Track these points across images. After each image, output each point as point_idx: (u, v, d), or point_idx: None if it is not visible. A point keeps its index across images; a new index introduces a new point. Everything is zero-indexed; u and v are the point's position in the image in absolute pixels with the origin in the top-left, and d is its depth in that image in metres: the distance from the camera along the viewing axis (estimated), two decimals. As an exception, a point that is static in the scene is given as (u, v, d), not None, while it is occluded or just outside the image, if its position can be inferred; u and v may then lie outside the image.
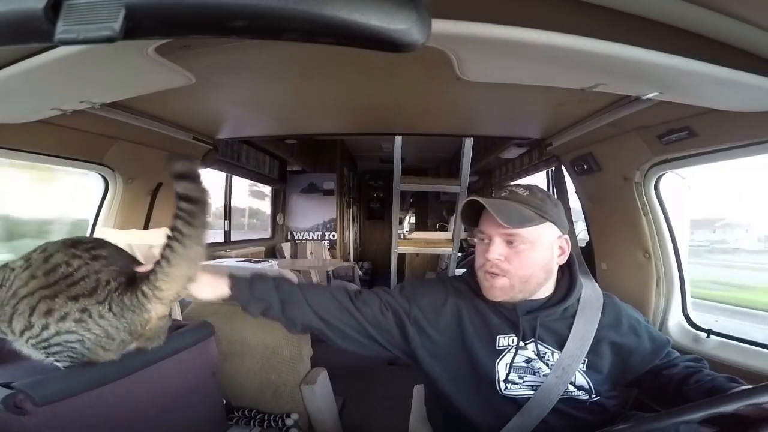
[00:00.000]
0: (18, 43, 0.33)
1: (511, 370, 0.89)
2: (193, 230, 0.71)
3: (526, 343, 0.89)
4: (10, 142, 1.13)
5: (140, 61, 0.71)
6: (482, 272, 0.88)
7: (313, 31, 0.29)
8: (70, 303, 0.67)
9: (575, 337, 0.87)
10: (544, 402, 0.86)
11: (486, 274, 0.87)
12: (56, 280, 0.69)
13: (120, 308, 0.70)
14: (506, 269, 0.86)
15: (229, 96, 1.22)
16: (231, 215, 3.67)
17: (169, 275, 0.72)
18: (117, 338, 0.72)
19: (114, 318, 0.70)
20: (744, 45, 0.62)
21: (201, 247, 0.73)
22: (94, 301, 0.69)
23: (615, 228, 1.44)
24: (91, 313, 0.68)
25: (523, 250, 0.85)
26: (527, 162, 3.25)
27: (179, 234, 0.70)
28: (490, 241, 0.87)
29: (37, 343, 0.68)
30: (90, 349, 0.70)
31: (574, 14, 0.56)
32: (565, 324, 0.90)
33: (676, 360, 0.94)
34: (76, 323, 0.68)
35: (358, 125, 1.65)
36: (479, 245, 0.90)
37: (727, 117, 0.84)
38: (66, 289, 0.68)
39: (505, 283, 0.87)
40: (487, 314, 0.93)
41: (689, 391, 0.83)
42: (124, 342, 0.73)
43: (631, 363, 0.91)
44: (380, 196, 6.76)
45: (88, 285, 0.69)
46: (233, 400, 1.30)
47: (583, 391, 0.88)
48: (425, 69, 0.94)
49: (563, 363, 0.87)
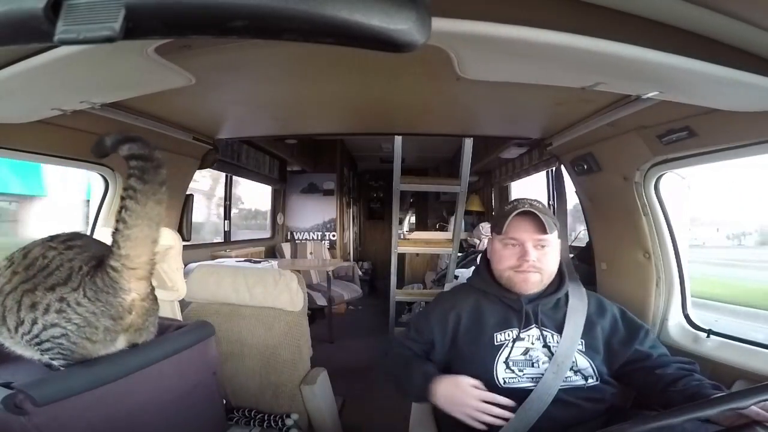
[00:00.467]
0: (18, 43, 0.33)
1: (509, 364, 0.99)
2: (146, 186, 0.70)
3: (528, 328, 1.02)
4: (10, 142, 1.13)
5: (140, 61, 0.71)
6: (512, 272, 1.05)
7: (313, 31, 0.29)
8: (48, 294, 0.67)
9: (569, 322, 1.02)
10: (545, 392, 0.92)
11: (517, 273, 1.04)
12: (34, 273, 0.69)
13: (94, 291, 0.69)
14: (539, 267, 1.04)
15: (229, 96, 1.22)
16: (231, 215, 3.67)
17: (131, 238, 0.70)
18: (100, 326, 0.70)
19: (90, 303, 0.69)
20: (744, 45, 0.62)
21: (159, 205, 0.72)
22: (69, 289, 0.68)
23: (615, 228, 1.44)
24: (68, 301, 0.68)
25: (549, 252, 1.05)
26: (527, 162, 3.25)
27: (132, 191, 0.69)
28: (522, 246, 1.03)
29: (31, 340, 0.68)
30: (76, 343, 0.69)
31: (574, 13, 0.56)
32: (559, 312, 1.06)
33: (668, 360, 1.00)
34: (57, 314, 0.67)
35: (358, 125, 1.65)
36: (506, 249, 1.06)
37: (727, 117, 0.84)
38: (43, 281, 0.68)
39: (537, 279, 1.04)
40: (486, 314, 1.06)
41: (674, 393, 0.88)
42: (109, 330, 0.72)
43: (613, 346, 1.03)
44: (380, 196, 6.77)
45: (62, 274, 0.69)
46: (233, 400, 1.31)
47: (584, 375, 0.97)
48: (425, 69, 0.94)
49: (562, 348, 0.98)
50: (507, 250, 1.06)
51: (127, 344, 0.77)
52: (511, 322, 1.04)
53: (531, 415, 0.90)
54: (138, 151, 0.70)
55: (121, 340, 0.76)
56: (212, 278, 1.38)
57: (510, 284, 1.05)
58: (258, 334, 1.32)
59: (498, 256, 1.07)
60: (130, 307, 0.73)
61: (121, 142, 0.71)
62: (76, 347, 0.70)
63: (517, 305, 1.05)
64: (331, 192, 4.92)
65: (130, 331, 0.75)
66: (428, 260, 4.42)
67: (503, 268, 1.06)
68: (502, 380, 0.97)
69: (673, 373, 0.93)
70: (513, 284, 1.05)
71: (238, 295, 1.35)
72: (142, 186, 0.70)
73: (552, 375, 0.95)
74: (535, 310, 1.04)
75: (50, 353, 0.70)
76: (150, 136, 1.43)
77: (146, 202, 0.70)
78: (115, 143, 0.72)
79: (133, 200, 0.69)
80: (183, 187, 1.92)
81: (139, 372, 0.81)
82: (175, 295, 1.38)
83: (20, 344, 0.70)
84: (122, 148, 0.71)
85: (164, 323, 1.04)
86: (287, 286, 1.32)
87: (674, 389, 0.89)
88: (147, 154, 0.71)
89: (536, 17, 0.55)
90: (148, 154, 0.71)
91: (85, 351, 0.71)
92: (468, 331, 1.06)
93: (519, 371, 0.98)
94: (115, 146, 0.72)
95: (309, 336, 1.36)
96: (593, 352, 1.01)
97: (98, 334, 0.71)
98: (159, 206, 0.72)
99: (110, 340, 0.73)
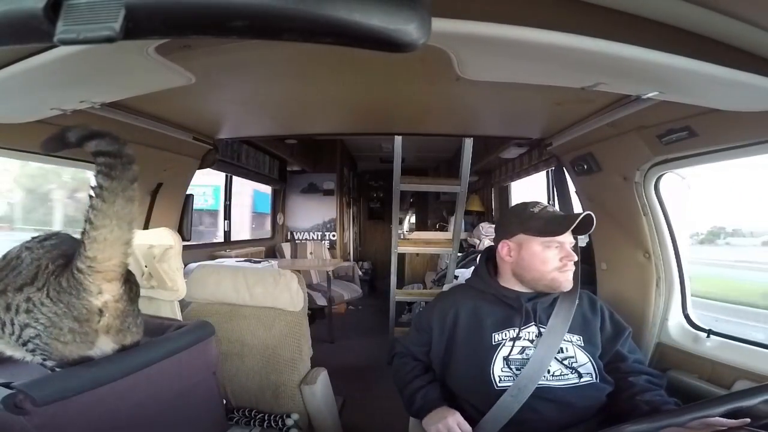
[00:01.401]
0: (18, 43, 0.33)
1: (506, 363, 1.00)
2: (114, 183, 0.65)
3: (527, 325, 1.04)
4: (10, 142, 1.13)
5: (140, 61, 0.71)
6: (557, 272, 1.05)
7: (313, 31, 0.29)
8: (18, 294, 0.66)
9: (557, 315, 1.05)
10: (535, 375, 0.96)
11: (562, 272, 1.05)
12: (6, 274, 0.68)
13: (57, 292, 0.66)
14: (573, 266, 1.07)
15: (229, 96, 1.22)
16: (231, 215, 3.67)
17: (98, 240, 0.65)
18: (64, 327, 0.67)
19: (52, 303, 0.66)
20: (744, 45, 0.62)
21: (130, 204, 0.67)
22: (35, 289, 0.66)
23: (615, 228, 1.44)
24: (34, 301, 0.66)
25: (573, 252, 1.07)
26: (527, 162, 3.25)
27: (100, 190, 0.65)
28: (562, 246, 1.06)
29: (17, 340, 0.68)
30: (48, 344, 0.67)
31: (574, 13, 0.56)
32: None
33: (641, 368, 1.03)
34: (26, 314, 0.66)
35: (358, 125, 1.65)
36: (548, 251, 1.06)
37: (727, 117, 0.84)
38: (13, 281, 0.67)
39: (571, 276, 1.07)
40: (484, 314, 1.07)
41: (641, 402, 0.92)
42: (75, 331, 0.68)
43: (601, 342, 1.05)
44: (380, 196, 6.77)
45: (30, 273, 0.68)
46: (233, 400, 1.30)
47: (578, 372, 0.98)
48: (425, 69, 0.94)
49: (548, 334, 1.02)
50: (550, 252, 1.05)
51: (115, 346, 0.74)
52: (511, 321, 1.05)
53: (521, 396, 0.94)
54: (106, 148, 0.65)
55: (104, 342, 0.73)
56: (212, 278, 1.38)
57: (554, 284, 1.05)
58: (258, 334, 1.32)
59: (540, 258, 1.05)
60: (100, 309, 0.69)
61: (87, 138, 0.66)
62: (50, 348, 0.68)
63: (517, 303, 1.06)
64: (331, 192, 4.92)
65: (111, 333, 0.72)
66: (428, 260, 4.42)
67: (548, 269, 1.05)
68: (498, 378, 0.98)
69: (641, 384, 0.97)
70: (558, 284, 1.05)
71: (238, 295, 1.35)
72: (109, 183, 0.65)
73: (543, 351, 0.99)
74: (534, 307, 1.06)
75: (34, 353, 0.69)
76: (150, 136, 1.43)
77: (114, 200, 0.65)
78: (80, 138, 0.66)
79: (100, 199, 0.65)
80: (183, 187, 1.92)
81: (139, 372, 0.81)
82: (175, 295, 1.38)
83: (10, 345, 0.70)
84: (88, 144, 0.65)
85: (164, 323, 1.04)
86: (287, 286, 1.32)
87: (641, 399, 0.93)
88: (115, 151, 0.66)
89: (536, 17, 0.55)
90: (117, 150, 0.66)
91: (59, 352, 0.69)
92: (465, 331, 1.07)
93: (516, 370, 0.98)
94: (80, 141, 0.66)
95: (309, 336, 1.36)
96: (592, 347, 1.03)
97: (65, 335, 0.68)
98: (130, 205, 0.68)
99: (83, 342, 0.70)
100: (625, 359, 1.03)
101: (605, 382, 0.98)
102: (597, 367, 1.00)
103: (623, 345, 1.06)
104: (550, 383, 0.96)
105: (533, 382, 0.95)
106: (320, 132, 1.94)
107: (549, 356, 0.98)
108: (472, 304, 1.10)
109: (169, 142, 1.55)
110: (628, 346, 1.07)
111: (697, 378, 1.15)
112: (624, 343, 1.06)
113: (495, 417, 0.93)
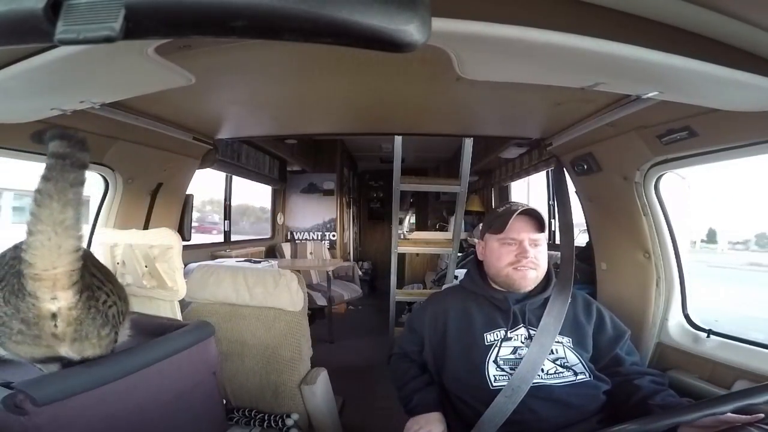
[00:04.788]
0: (18, 44, 0.33)
1: (500, 363, 1.00)
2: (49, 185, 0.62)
3: (516, 328, 1.04)
4: (10, 142, 1.13)
5: (140, 61, 0.71)
6: (511, 268, 1.06)
7: (313, 31, 0.29)
8: None
9: (549, 314, 1.04)
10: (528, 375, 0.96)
11: (517, 269, 1.06)
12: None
13: (9, 293, 0.66)
14: (536, 264, 1.07)
15: (229, 96, 1.22)
16: (231, 215, 3.67)
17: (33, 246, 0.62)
18: (14, 327, 0.66)
19: (4, 303, 0.66)
20: (744, 45, 0.62)
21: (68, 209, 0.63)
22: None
23: (615, 228, 1.44)
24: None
25: (542, 249, 1.08)
26: (527, 162, 3.25)
27: (38, 194, 0.61)
28: (519, 244, 1.06)
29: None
30: (4, 342, 0.67)
31: (574, 13, 0.56)
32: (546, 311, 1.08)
33: (642, 370, 1.03)
34: None
35: (358, 125, 1.65)
36: (504, 247, 1.08)
37: (727, 117, 0.84)
38: None
39: (534, 275, 1.07)
40: (475, 314, 1.08)
41: (654, 405, 0.91)
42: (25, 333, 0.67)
43: (599, 344, 1.05)
44: (380, 196, 6.77)
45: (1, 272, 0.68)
46: (233, 400, 1.31)
47: (573, 371, 0.99)
48: (425, 69, 0.94)
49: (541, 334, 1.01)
50: (505, 249, 1.07)
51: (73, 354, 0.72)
52: (499, 322, 1.06)
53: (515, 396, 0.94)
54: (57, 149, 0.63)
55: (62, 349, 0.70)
56: (212, 278, 1.38)
57: (509, 281, 1.07)
58: (258, 334, 1.32)
59: (496, 255, 1.09)
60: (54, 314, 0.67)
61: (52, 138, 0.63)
62: (6, 345, 0.68)
63: (505, 305, 1.07)
64: (331, 192, 4.91)
65: (66, 341, 0.69)
66: (428, 260, 4.43)
67: (502, 265, 1.07)
68: (493, 378, 0.99)
69: (648, 386, 0.96)
70: (512, 281, 1.06)
71: (238, 295, 1.35)
72: (44, 185, 0.61)
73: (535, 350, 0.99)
74: (522, 310, 1.06)
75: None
76: (150, 136, 1.43)
77: (50, 204, 0.61)
78: (48, 138, 0.64)
79: (35, 203, 0.61)
80: (183, 187, 1.93)
81: (139, 372, 0.81)
82: (175, 295, 1.38)
83: None
84: (50, 144, 0.63)
85: (164, 323, 1.04)
86: (287, 286, 1.32)
87: (653, 402, 0.91)
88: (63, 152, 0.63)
89: (536, 17, 0.55)
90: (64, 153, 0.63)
91: (15, 350, 0.68)
92: (457, 332, 1.07)
93: (510, 370, 0.99)
94: (48, 141, 0.64)
95: (309, 336, 1.36)
96: (582, 349, 1.03)
97: (15, 336, 0.67)
98: (69, 210, 0.63)
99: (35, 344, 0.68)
100: (624, 362, 1.03)
101: (600, 380, 0.99)
102: (588, 368, 1.00)
103: (622, 348, 1.06)
104: (547, 381, 0.96)
105: (526, 383, 0.94)
106: (320, 132, 1.94)
107: (542, 356, 0.98)
108: (462, 305, 1.12)
109: (169, 142, 1.55)
110: (627, 348, 1.07)
111: (697, 378, 1.15)
112: (623, 347, 1.06)
113: (491, 418, 0.93)
